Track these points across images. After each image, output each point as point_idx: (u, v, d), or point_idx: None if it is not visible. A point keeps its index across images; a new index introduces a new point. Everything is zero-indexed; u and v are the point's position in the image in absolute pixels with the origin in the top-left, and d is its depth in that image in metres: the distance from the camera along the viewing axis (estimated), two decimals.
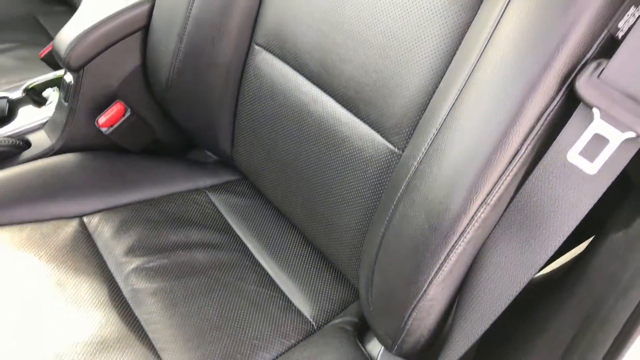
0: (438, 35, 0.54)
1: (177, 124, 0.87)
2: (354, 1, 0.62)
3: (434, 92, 0.54)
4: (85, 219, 0.75)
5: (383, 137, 0.60)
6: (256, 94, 0.76)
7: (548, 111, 0.42)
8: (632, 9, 0.40)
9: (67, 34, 0.77)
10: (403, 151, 0.58)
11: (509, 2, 0.44)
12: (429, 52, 0.55)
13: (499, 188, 0.44)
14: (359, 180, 0.63)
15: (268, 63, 0.74)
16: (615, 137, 0.40)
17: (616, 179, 0.42)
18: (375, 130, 0.61)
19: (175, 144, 0.94)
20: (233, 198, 0.85)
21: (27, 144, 0.82)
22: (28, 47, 1.14)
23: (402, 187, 0.51)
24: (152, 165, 0.86)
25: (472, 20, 0.51)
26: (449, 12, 0.53)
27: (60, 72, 0.93)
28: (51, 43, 0.99)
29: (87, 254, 0.71)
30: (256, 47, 0.75)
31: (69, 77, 0.81)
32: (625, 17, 0.40)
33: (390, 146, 0.59)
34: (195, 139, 0.92)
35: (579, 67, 0.41)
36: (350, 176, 0.65)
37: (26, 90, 0.90)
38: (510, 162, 0.43)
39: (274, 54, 0.73)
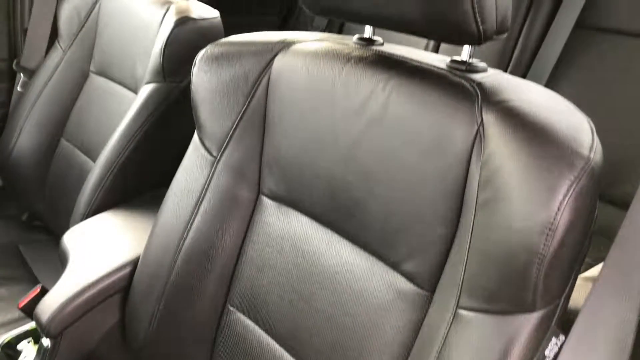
0: (394, 326, 0.60)
1: None
2: (319, 277, 0.69)
3: None
4: None
5: None
6: (229, 353, 0.79)
7: None
8: (554, 339, 0.47)
9: (50, 303, 0.81)
10: None
11: (452, 321, 0.51)
12: (387, 341, 0.60)
13: None
14: None
15: (241, 324, 0.78)
16: None
17: None
18: None
19: None
20: None
21: None
22: (6, 284, 1.17)
23: None
24: None
25: (423, 319, 0.57)
26: (399, 307, 0.59)
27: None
28: (31, 292, 1.03)
29: None
30: (230, 307, 0.80)
31: (46, 342, 0.83)
32: (550, 346, 0.47)
33: None
34: None
35: None
36: None
37: (1, 347, 0.91)
38: None
39: (247, 316, 0.78)
